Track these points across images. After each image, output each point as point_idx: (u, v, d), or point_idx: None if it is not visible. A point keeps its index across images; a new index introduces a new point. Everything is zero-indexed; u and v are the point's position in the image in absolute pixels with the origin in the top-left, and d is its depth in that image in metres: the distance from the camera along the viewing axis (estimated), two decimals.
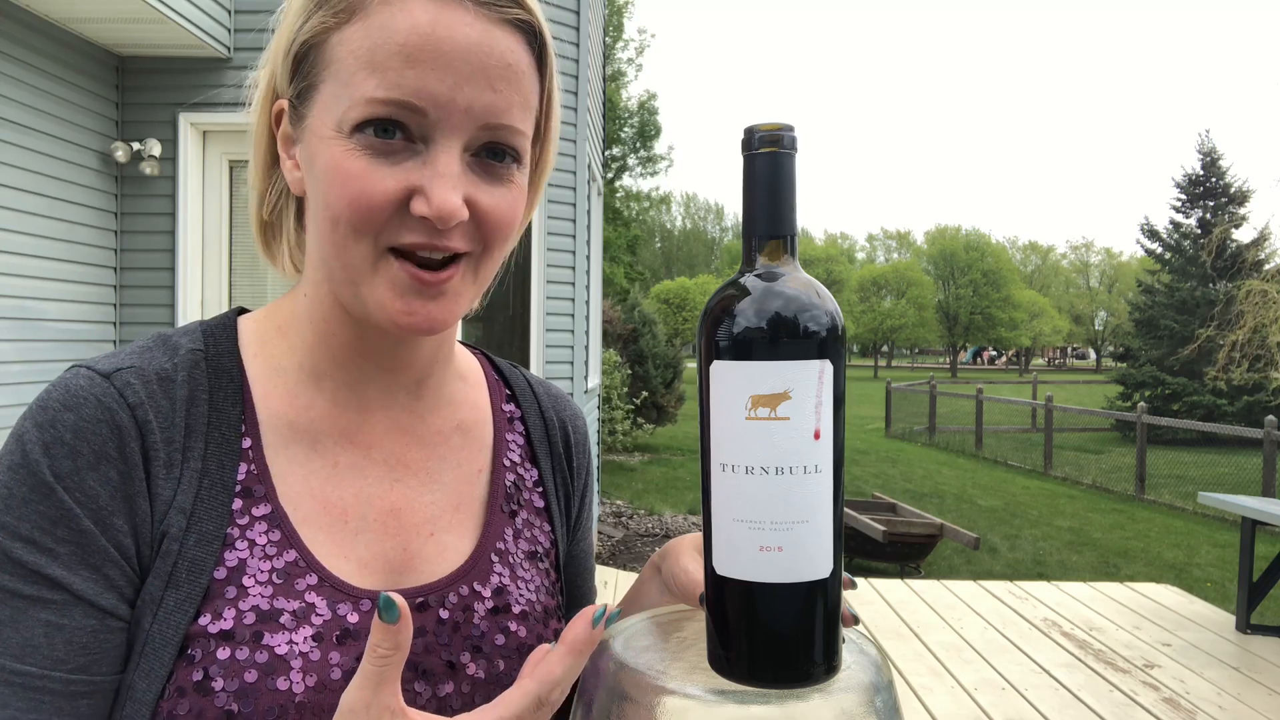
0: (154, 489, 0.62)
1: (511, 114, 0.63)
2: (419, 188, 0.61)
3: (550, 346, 6.07)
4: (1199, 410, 19.70)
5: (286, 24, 0.66)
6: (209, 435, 0.65)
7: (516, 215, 0.66)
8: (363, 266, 0.63)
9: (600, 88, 8.88)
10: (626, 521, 8.86)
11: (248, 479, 0.66)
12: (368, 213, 0.61)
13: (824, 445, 0.54)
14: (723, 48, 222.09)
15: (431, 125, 0.61)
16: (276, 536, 0.65)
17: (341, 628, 0.64)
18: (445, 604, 0.70)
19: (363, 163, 0.60)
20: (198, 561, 0.62)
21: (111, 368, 0.64)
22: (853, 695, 0.57)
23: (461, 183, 0.61)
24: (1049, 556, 8.39)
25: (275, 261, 0.77)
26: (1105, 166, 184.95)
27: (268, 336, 0.72)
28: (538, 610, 0.75)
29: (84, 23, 4.65)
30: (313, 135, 0.64)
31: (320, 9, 0.63)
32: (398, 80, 0.59)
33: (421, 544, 0.72)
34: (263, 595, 0.63)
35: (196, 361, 0.68)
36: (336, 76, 0.62)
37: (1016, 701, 4.24)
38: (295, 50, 0.65)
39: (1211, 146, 23.40)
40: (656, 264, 76.46)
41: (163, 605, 0.61)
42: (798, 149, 0.57)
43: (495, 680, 0.70)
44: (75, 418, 0.61)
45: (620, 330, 13.96)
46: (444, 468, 0.76)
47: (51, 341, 4.67)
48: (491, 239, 0.65)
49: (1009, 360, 79.98)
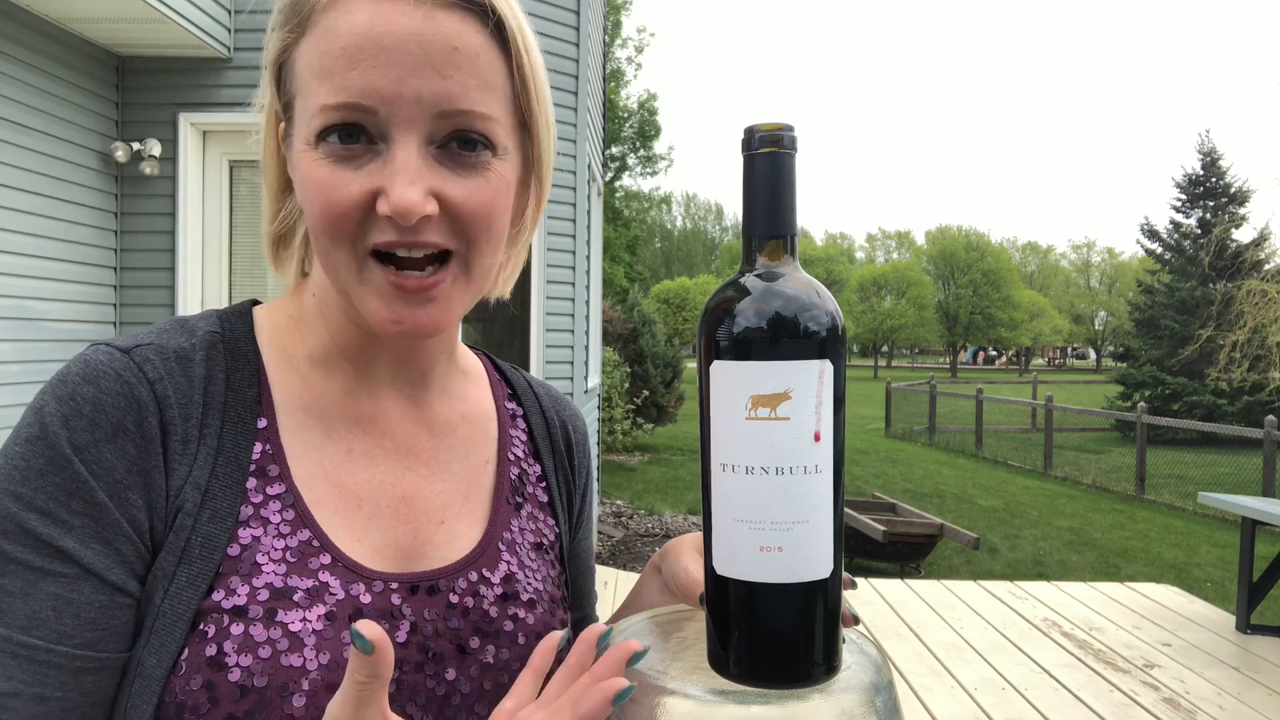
0: (170, 464, 0.63)
1: (468, 98, 0.61)
2: (381, 188, 0.61)
3: (550, 346, 6.07)
4: (1199, 410, 19.70)
5: (267, 50, 0.68)
6: (225, 414, 0.66)
7: (496, 205, 0.65)
8: (348, 274, 0.64)
9: (600, 88, 8.88)
10: (626, 521, 8.86)
11: (262, 458, 0.67)
12: (337, 220, 0.61)
13: (824, 445, 0.54)
14: (723, 48, 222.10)
15: (385, 122, 0.60)
16: (290, 516, 0.66)
17: (355, 607, 0.64)
18: (455, 589, 0.70)
19: (327, 170, 0.61)
20: (211, 537, 0.62)
21: (131, 344, 0.65)
22: (853, 695, 0.57)
23: (424, 176, 0.60)
24: (1049, 556, 8.39)
25: (283, 270, 0.77)
26: (1105, 166, 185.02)
27: (281, 326, 0.73)
28: (545, 599, 0.76)
29: (84, 23, 4.65)
30: (294, 151, 0.65)
31: (281, 28, 0.65)
32: (343, 83, 0.60)
33: (432, 531, 0.73)
34: (276, 573, 0.63)
35: (214, 343, 0.68)
36: (301, 91, 0.63)
37: (1016, 701, 4.24)
38: (274, 70, 0.67)
39: (1211, 146, 23.41)
40: (656, 264, 76.42)
41: (175, 580, 0.61)
42: (798, 149, 0.57)
43: (504, 666, 0.70)
44: (95, 390, 0.61)
45: (620, 330, 13.96)
46: (453, 457, 0.77)
47: (51, 341, 4.67)
48: (473, 232, 0.64)
49: (1009, 360, 79.97)
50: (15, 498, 0.59)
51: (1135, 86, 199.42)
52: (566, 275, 6.18)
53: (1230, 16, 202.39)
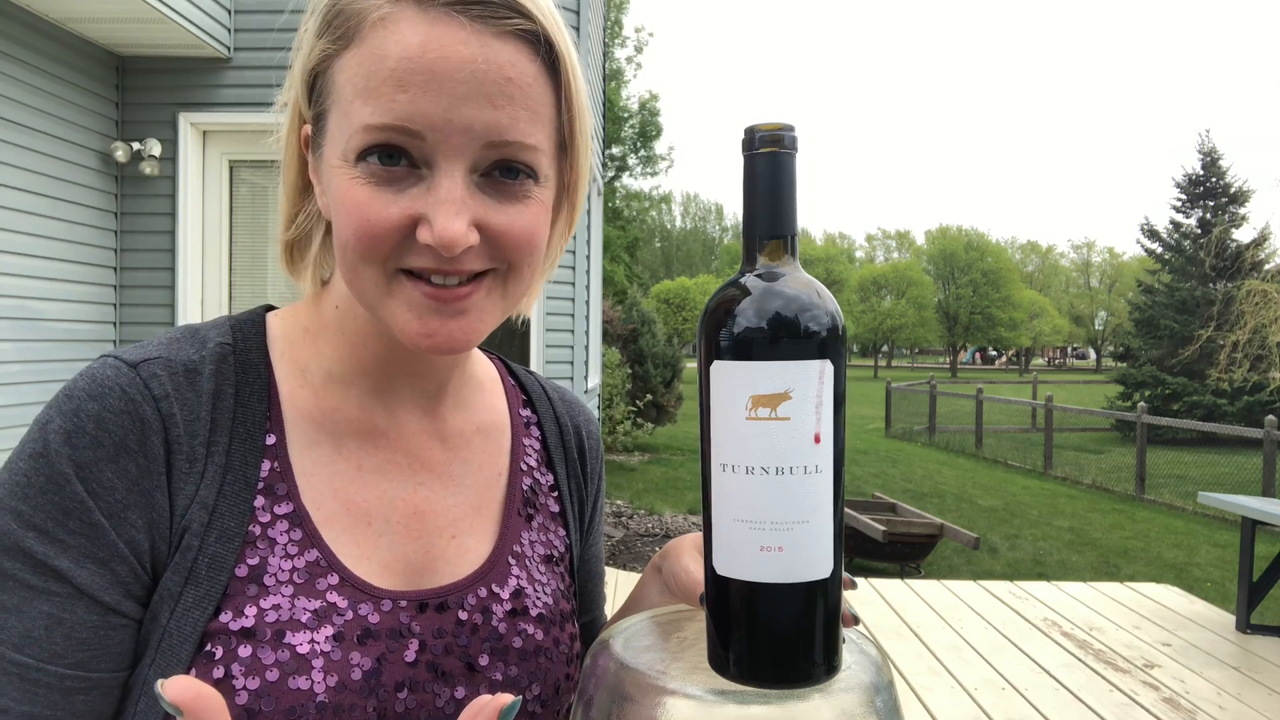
0: (175, 484, 0.62)
1: (517, 129, 0.60)
2: (423, 215, 0.59)
3: (550, 346, 6.07)
4: (1199, 410, 19.70)
5: (302, 49, 0.66)
6: (234, 430, 0.65)
7: (536, 233, 0.64)
8: (376, 291, 0.62)
9: (601, 88, 8.88)
10: (626, 521, 8.85)
11: (270, 476, 0.66)
12: (372, 241, 0.60)
13: (824, 445, 0.54)
14: (723, 47, 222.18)
15: (431, 149, 0.59)
16: (298, 535, 0.65)
17: (363, 627, 0.64)
18: (465, 605, 0.70)
19: (366, 191, 0.60)
20: (218, 558, 0.62)
21: (139, 358, 0.64)
22: (853, 695, 0.56)
23: (468, 206, 0.59)
24: (1049, 556, 8.39)
25: (299, 277, 0.76)
26: (1105, 166, 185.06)
27: (296, 338, 0.72)
28: (553, 614, 0.75)
29: (84, 23, 4.65)
30: (326, 164, 0.64)
31: (323, 36, 0.63)
32: (390, 105, 0.58)
33: (443, 546, 0.72)
34: (284, 594, 0.63)
35: (224, 355, 0.67)
36: (339, 105, 0.61)
37: (1016, 701, 4.24)
38: (308, 77, 0.65)
39: (1211, 146, 23.42)
40: (656, 264, 76.42)
41: (181, 601, 0.60)
42: (798, 149, 0.57)
43: (512, 682, 0.70)
44: (99, 407, 0.60)
45: (620, 330, 13.96)
46: (466, 470, 0.77)
47: (51, 341, 4.67)
48: (514, 258, 0.63)
49: (1009, 360, 79.97)
50: (15, 514, 0.58)
51: (1136, 86, 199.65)
52: (566, 275, 6.18)
53: (1231, 17, 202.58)
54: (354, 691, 0.61)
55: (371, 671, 0.63)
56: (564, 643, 0.75)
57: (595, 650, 0.62)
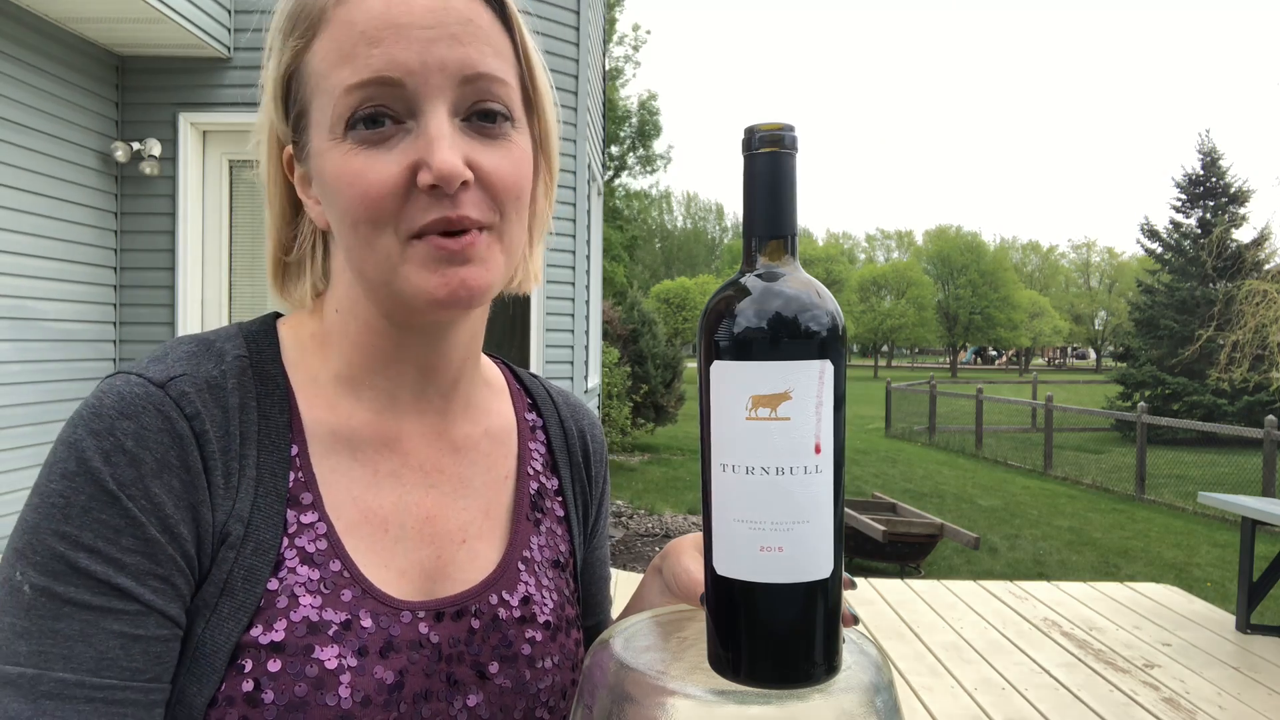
0: (215, 499, 0.62)
1: (486, 63, 0.63)
2: (418, 160, 0.61)
3: (550, 346, 6.07)
4: (1199, 410, 19.69)
5: (269, 70, 0.68)
6: (260, 443, 0.65)
7: (521, 173, 0.66)
8: (391, 257, 0.63)
9: (600, 87, 8.88)
10: (626, 521, 8.86)
11: (295, 487, 0.66)
12: (378, 202, 0.61)
13: (824, 445, 0.54)
14: (723, 47, 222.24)
15: (412, 95, 0.61)
16: (324, 546, 0.65)
17: (385, 640, 0.64)
18: (477, 613, 0.70)
19: (361, 158, 0.61)
20: (254, 570, 0.62)
21: (164, 376, 0.63)
22: (853, 695, 0.57)
23: (458, 143, 0.62)
24: (1049, 556, 8.39)
25: (290, 297, 0.76)
26: (1105, 166, 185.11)
27: (305, 345, 0.72)
28: (560, 620, 0.76)
29: (84, 23, 4.65)
30: (315, 156, 0.65)
31: (291, 36, 0.65)
32: (367, 62, 0.61)
33: (455, 551, 0.72)
34: (312, 605, 0.63)
35: (244, 369, 0.67)
36: (319, 87, 0.63)
37: (1016, 701, 4.24)
38: (283, 82, 0.66)
39: (1211, 146, 23.38)
40: (656, 264, 76.41)
41: (216, 612, 0.61)
42: (798, 149, 0.57)
43: (521, 689, 0.70)
44: (136, 425, 0.60)
45: (620, 330, 13.96)
46: (475, 473, 0.77)
47: (51, 341, 4.67)
48: (505, 203, 0.65)
49: (1009, 360, 79.97)
50: (60, 536, 0.57)
51: (1136, 87, 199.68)
52: (566, 275, 6.18)
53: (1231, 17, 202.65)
54: (378, 706, 0.62)
55: (393, 685, 0.64)
56: (569, 648, 0.75)
57: (595, 650, 0.62)
